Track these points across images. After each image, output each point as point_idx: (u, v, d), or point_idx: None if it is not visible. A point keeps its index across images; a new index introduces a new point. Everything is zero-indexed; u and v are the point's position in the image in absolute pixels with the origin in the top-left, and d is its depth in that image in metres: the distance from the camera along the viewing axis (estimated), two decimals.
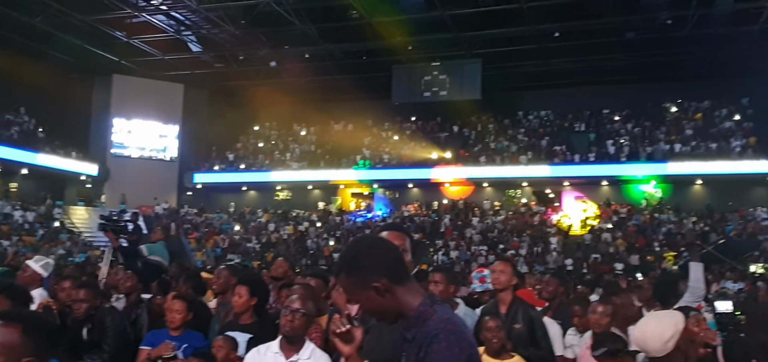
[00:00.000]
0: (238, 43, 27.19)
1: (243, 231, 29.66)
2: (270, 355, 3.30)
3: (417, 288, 1.81)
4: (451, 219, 28.48)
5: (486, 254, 24.00)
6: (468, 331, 1.77)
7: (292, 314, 3.29)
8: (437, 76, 28.98)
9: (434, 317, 1.70)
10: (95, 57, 29.14)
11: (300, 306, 3.32)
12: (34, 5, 23.80)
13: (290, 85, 30.51)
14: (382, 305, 1.74)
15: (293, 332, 3.29)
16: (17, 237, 23.26)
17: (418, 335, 1.70)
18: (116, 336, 4.47)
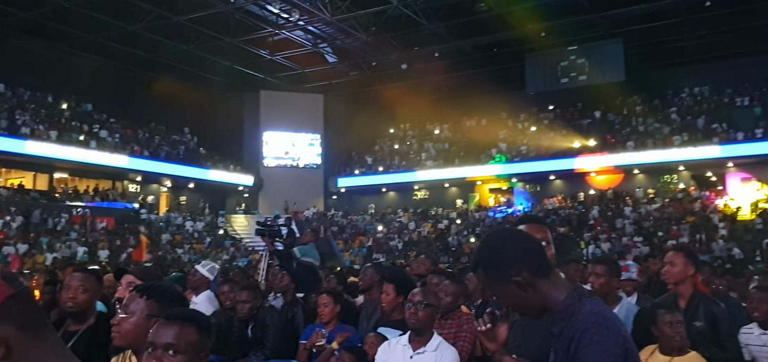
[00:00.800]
0: (369, 49, 28.03)
1: (386, 230, 30.47)
2: (399, 348, 3.35)
3: (562, 281, 1.73)
4: (599, 211, 27.02)
5: (641, 245, 22.47)
6: (622, 325, 1.65)
7: (415, 306, 3.30)
8: (575, 61, 27.69)
9: (582, 311, 1.61)
10: (243, 76, 31.72)
11: (422, 298, 3.32)
12: (190, 33, 26.37)
13: (422, 85, 30.82)
14: (524, 300, 1.68)
15: (417, 324, 3.30)
16: (188, 245, 25.86)
17: (565, 330, 1.61)
18: (276, 333, 4.77)
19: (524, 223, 2.56)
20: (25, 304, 1.14)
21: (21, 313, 1.12)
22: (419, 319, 3.29)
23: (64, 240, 21.32)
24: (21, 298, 1.14)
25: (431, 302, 3.35)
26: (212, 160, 32.58)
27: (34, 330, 1.15)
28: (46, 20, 24.10)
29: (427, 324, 3.32)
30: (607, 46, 26.65)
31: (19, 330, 1.11)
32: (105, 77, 28.03)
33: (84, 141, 26.37)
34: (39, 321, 1.17)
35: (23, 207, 22.49)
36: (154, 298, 2.12)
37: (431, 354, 3.24)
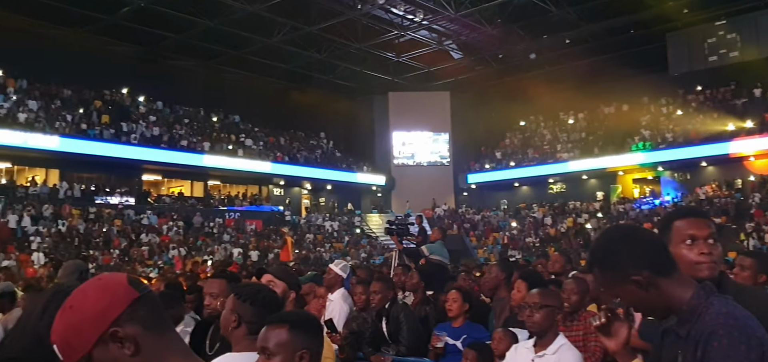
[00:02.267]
0: (496, 42, 27.62)
1: (520, 226, 29.83)
2: (524, 351, 3.32)
3: (688, 279, 1.62)
4: (761, 198, 24.39)
5: None
6: (757, 325, 1.50)
7: (530, 309, 3.26)
8: (724, 36, 25.32)
9: (710, 310, 1.50)
10: (372, 79, 32.73)
11: (538, 300, 3.26)
12: (322, 43, 27.72)
13: (553, 75, 29.78)
14: (645, 300, 1.59)
15: (534, 327, 3.25)
16: (328, 244, 27.19)
17: (693, 331, 1.51)
18: (411, 330, 4.81)
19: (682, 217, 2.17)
20: (149, 306, 1.25)
21: (147, 314, 1.24)
22: (535, 322, 3.25)
23: (220, 242, 23.35)
24: (146, 301, 1.25)
25: (548, 303, 3.28)
26: (347, 162, 33.97)
27: (159, 329, 1.25)
28: (195, 41, 26.58)
29: (545, 327, 3.26)
30: (761, 17, 24.04)
31: (145, 329, 1.22)
32: (248, 90, 30.38)
33: (232, 150, 28.70)
34: (162, 321, 1.28)
35: (183, 213, 24.94)
36: (240, 298, 2.32)
37: (551, 356, 3.19)
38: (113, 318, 1.19)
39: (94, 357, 1.19)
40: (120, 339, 1.19)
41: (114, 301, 1.21)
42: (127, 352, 1.20)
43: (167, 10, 23.31)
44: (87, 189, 23.76)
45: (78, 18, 23.99)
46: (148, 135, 26.02)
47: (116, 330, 1.19)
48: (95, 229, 20.87)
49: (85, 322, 1.19)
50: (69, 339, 1.19)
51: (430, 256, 7.90)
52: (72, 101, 25.34)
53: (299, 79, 31.56)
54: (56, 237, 19.22)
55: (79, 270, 4.51)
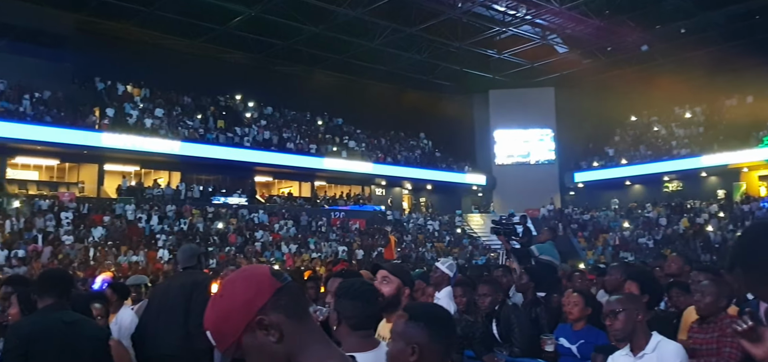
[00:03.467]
0: (603, 34, 26.45)
1: (632, 227, 28.39)
2: (622, 358, 3.30)
3: None
4: None
5: None
6: None
7: (609, 317, 3.24)
8: None
9: None
10: (472, 77, 32.47)
11: (616, 307, 3.23)
12: (422, 43, 27.87)
13: (666, 67, 28.09)
14: None
15: (617, 334, 3.22)
16: (430, 244, 27.33)
17: None
18: (523, 331, 4.80)
19: None
20: (291, 296, 1.31)
21: (288, 303, 1.29)
22: (616, 329, 3.23)
23: (327, 240, 24.17)
24: (288, 291, 1.31)
25: (626, 307, 3.25)
26: (447, 161, 33.93)
27: (300, 318, 1.31)
28: (301, 47, 27.67)
29: (627, 331, 3.23)
30: None
31: (288, 317, 1.28)
32: (351, 93, 31.18)
33: (337, 152, 29.57)
34: (303, 310, 1.34)
35: (293, 212, 26.06)
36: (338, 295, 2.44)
37: (651, 355, 3.17)
38: (259, 307, 1.26)
39: (243, 344, 1.27)
40: (266, 327, 1.26)
41: (259, 291, 1.28)
42: (272, 339, 1.26)
43: (276, 18, 24.45)
44: (205, 190, 25.44)
45: (194, 29, 25.77)
46: (259, 138, 27.45)
47: (262, 317, 1.26)
48: (213, 228, 22.31)
49: (234, 311, 1.27)
50: (220, 326, 1.29)
51: (540, 257, 7.77)
52: (191, 108, 27.26)
53: (400, 81, 31.95)
54: (179, 235, 20.74)
55: (197, 254, 4.92)
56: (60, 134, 21.66)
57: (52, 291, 3.47)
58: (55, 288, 3.50)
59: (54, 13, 23.48)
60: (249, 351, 1.27)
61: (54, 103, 22.73)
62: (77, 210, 20.46)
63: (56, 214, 19.74)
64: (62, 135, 21.72)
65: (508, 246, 8.34)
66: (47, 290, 3.47)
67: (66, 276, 4.00)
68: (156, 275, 14.26)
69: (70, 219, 19.73)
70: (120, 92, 25.82)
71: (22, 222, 18.67)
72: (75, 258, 17.14)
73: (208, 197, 25.01)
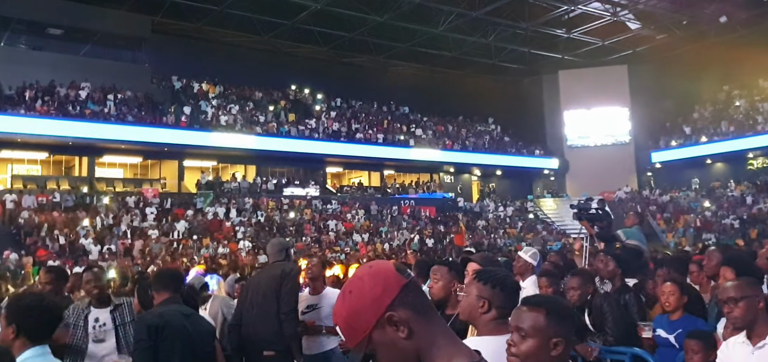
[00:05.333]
0: (679, 6, 25.32)
1: (715, 207, 27.11)
2: (738, 346, 3.16)
3: None
4: None
5: None
6: None
7: (728, 304, 3.08)
8: None
9: None
10: (541, 59, 31.79)
11: (735, 293, 3.07)
12: (487, 26, 27.48)
13: (748, 38, 26.58)
14: None
15: (738, 322, 3.07)
16: (502, 230, 27.05)
17: None
18: (616, 320, 4.71)
19: None
20: (416, 292, 1.32)
21: (415, 299, 1.30)
22: (737, 317, 3.07)
23: (398, 229, 24.37)
24: (413, 287, 1.31)
25: (748, 294, 3.08)
26: (516, 146, 33.41)
27: (426, 314, 1.31)
28: (366, 37, 27.87)
29: (749, 319, 3.07)
30: None
31: (415, 313, 1.28)
32: (416, 80, 31.22)
33: (404, 140, 29.70)
34: (429, 306, 1.34)
35: (363, 201, 26.42)
36: (482, 281, 2.41)
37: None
38: (388, 303, 1.27)
39: (374, 339, 1.28)
40: (395, 323, 1.27)
41: (387, 287, 1.29)
42: (402, 335, 1.27)
43: (341, 10, 24.75)
44: (279, 182, 26.16)
45: (263, 25, 26.46)
46: (329, 130, 27.95)
47: (392, 313, 1.27)
48: (289, 218, 22.94)
49: (365, 307, 1.28)
50: (351, 322, 1.30)
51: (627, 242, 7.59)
52: (263, 103, 28.05)
53: (465, 66, 31.71)
54: (257, 227, 21.45)
55: (285, 247, 5.19)
56: (142, 133, 22.82)
57: (168, 286, 3.78)
58: (171, 284, 3.81)
59: (131, 17, 24.75)
60: (380, 347, 1.28)
61: (135, 102, 23.93)
62: (160, 205, 21.50)
63: (142, 210, 20.82)
64: (144, 133, 22.86)
65: (592, 232, 8.17)
66: (164, 286, 3.78)
67: (178, 273, 4.35)
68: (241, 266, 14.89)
69: (154, 214, 20.77)
70: (195, 90, 26.86)
71: (111, 218, 19.80)
72: (160, 251, 18.05)
73: (282, 189, 25.71)
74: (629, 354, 4.57)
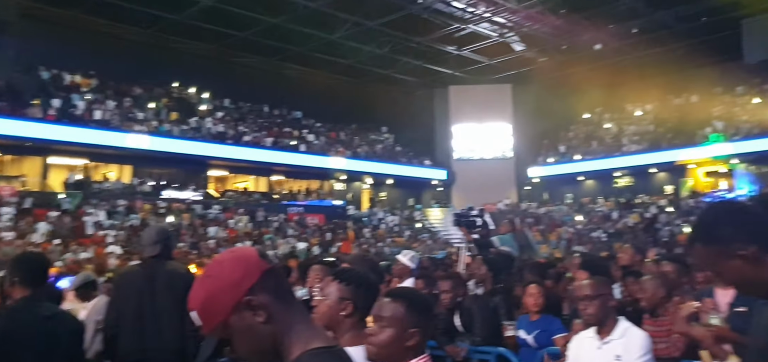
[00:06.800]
0: (559, 33, 26.97)
1: (586, 221, 29.09)
2: (588, 340, 3.39)
3: None
4: None
5: None
6: None
7: (583, 302, 3.34)
8: None
9: None
10: (433, 73, 32.66)
11: (589, 292, 3.33)
12: (382, 37, 27.81)
13: (619, 65, 28.83)
14: (750, 277, 1.53)
15: (591, 318, 3.33)
16: (390, 238, 27.32)
17: None
18: (484, 321, 4.93)
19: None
20: (278, 278, 1.34)
21: (276, 285, 1.32)
22: (591, 314, 3.32)
23: (283, 237, 23.86)
24: (275, 273, 1.34)
25: (599, 293, 3.35)
26: (408, 156, 34.02)
27: (287, 300, 1.34)
28: (259, 38, 27.17)
29: (601, 316, 3.32)
30: None
31: (275, 298, 1.30)
32: (310, 85, 30.75)
33: (295, 145, 29.22)
34: (290, 293, 1.37)
35: (248, 207, 25.62)
36: (344, 282, 2.30)
37: (618, 341, 3.25)
38: (248, 287, 1.28)
39: (231, 323, 1.28)
40: (254, 307, 1.27)
41: (248, 271, 1.29)
42: (260, 320, 1.28)
43: (233, 9, 23.94)
44: (157, 185, 24.74)
45: (148, 18, 25.00)
46: (214, 131, 26.88)
47: (251, 298, 1.27)
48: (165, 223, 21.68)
49: (224, 290, 1.28)
50: (208, 306, 1.29)
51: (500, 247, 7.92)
52: (143, 99, 26.46)
53: (360, 74, 31.83)
54: (129, 231, 20.11)
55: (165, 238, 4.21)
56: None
57: (29, 279, 3.01)
58: (32, 276, 3.04)
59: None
60: (237, 332, 1.28)
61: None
62: (19, 205, 19.56)
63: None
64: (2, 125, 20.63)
65: (469, 237, 8.56)
66: (23, 278, 3.01)
67: (44, 260, 3.42)
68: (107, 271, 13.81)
69: (10, 215, 18.83)
70: (67, 82, 24.81)
71: None
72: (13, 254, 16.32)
73: (160, 192, 24.33)
74: (494, 353, 4.71)
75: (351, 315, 2.24)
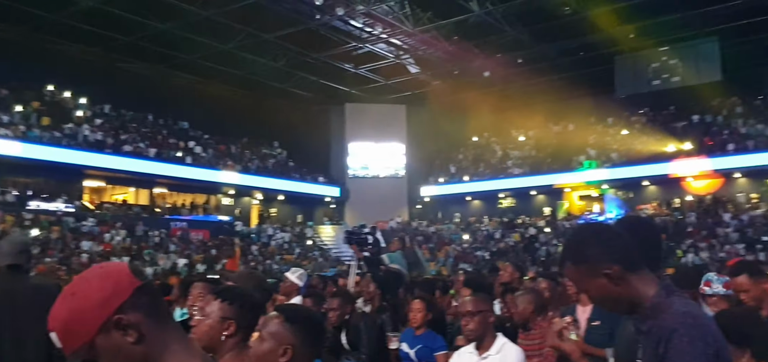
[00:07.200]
0: (452, 58, 27.97)
1: (472, 240, 30.18)
2: (467, 355, 3.49)
3: (651, 277, 1.69)
4: (697, 217, 25.51)
5: (744, 254, 21.00)
6: (712, 324, 1.63)
7: (466, 317, 3.44)
8: (667, 62, 26.45)
9: (672, 309, 1.59)
10: (329, 89, 32.57)
11: (471, 308, 3.43)
12: (278, 51, 27.40)
13: (506, 92, 30.37)
14: (614, 294, 1.65)
15: (471, 334, 3.43)
16: (279, 255, 26.76)
17: (654, 327, 1.60)
18: (371, 338, 4.88)
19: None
20: (152, 295, 1.25)
21: (150, 303, 1.23)
22: (471, 329, 3.42)
23: (164, 252, 22.63)
24: (148, 289, 1.25)
25: (481, 309, 3.46)
26: (300, 172, 33.61)
27: (161, 319, 1.25)
28: (146, 43, 25.79)
29: (482, 332, 3.43)
30: (701, 45, 25.29)
31: (148, 318, 1.21)
32: (200, 95, 29.61)
33: (181, 157, 27.93)
34: (164, 311, 1.28)
35: (127, 221, 24.09)
36: (227, 301, 2.20)
37: (495, 357, 3.37)
38: (117, 305, 1.19)
39: (97, 345, 1.19)
40: (123, 327, 1.19)
41: (118, 288, 1.20)
42: (130, 340, 1.19)
43: (117, 11, 22.55)
44: (23, 194, 22.61)
45: (20, 15, 22.89)
46: (92, 139, 25.05)
47: (120, 317, 1.19)
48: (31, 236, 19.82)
49: (89, 309, 1.18)
50: (72, 326, 1.19)
51: (390, 265, 7.93)
52: (9, 101, 24.15)
53: (254, 87, 31.01)
54: None
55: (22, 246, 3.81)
56: None
57: None
58: None
59: None
60: (103, 353, 1.19)
61: None
62: None
63: None
64: None
65: (360, 255, 8.50)
66: None
67: None
68: None
69: None
70: None
71: None
72: None
73: (26, 202, 22.24)
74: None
75: (233, 335, 2.15)
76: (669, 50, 26.19)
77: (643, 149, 28.52)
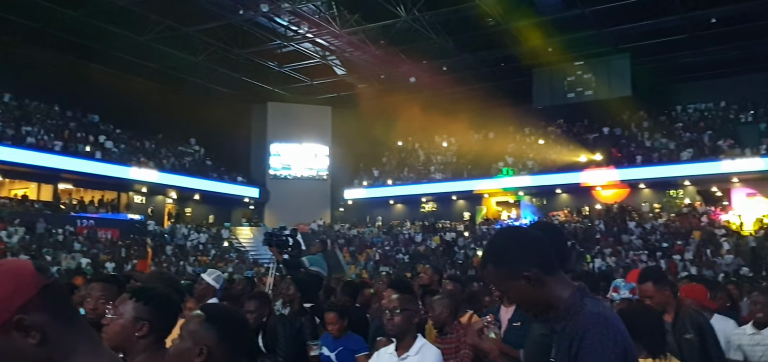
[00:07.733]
0: (378, 62, 28.08)
1: (393, 243, 30.37)
2: (386, 356, 3.55)
3: (567, 280, 1.78)
4: (605, 225, 26.90)
5: (647, 260, 22.34)
6: (621, 324, 1.70)
7: (390, 313, 3.49)
8: (581, 76, 27.75)
9: (584, 310, 1.67)
10: (251, 87, 31.79)
11: (397, 305, 3.48)
12: (198, 45, 26.46)
13: (430, 99, 30.84)
14: (532, 296, 1.73)
15: (394, 329, 3.48)
16: (193, 257, 25.81)
17: (567, 328, 1.67)
18: (288, 341, 4.81)
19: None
20: (58, 294, 1.19)
21: (56, 303, 1.17)
22: (395, 325, 3.46)
23: (68, 251, 21.28)
24: (55, 288, 1.18)
25: (406, 307, 3.51)
26: (218, 171, 32.59)
27: (68, 319, 1.18)
28: (53, 30, 24.17)
29: (404, 330, 3.48)
30: (613, 61, 26.70)
31: (53, 318, 1.15)
32: (112, 88, 27.88)
33: (89, 152, 26.41)
34: (72, 311, 1.22)
35: (27, 218, 22.49)
36: (142, 301, 2.12)
37: (414, 357, 3.42)
38: (19, 305, 1.12)
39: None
40: (25, 328, 1.12)
41: (20, 287, 1.13)
42: (33, 342, 1.12)
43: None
44: None
45: None
46: None
47: (22, 317, 1.11)
48: None
49: None
50: None
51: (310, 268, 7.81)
52: None
53: (171, 81, 29.64)
54: None
55: None
56: None
57: None
58: None
59: None
60: (2, 356, 1.13)
61: None
62: None
63: None
64: None
65: (279, 258, 8.36)
66: None
67: None
68: None
69: None
70: None
71: None
72: None
73: None
74: None
75: (146, 337, 2.08)
76: (584, 65, 27.48)
77: (557, 158, 29.81)
